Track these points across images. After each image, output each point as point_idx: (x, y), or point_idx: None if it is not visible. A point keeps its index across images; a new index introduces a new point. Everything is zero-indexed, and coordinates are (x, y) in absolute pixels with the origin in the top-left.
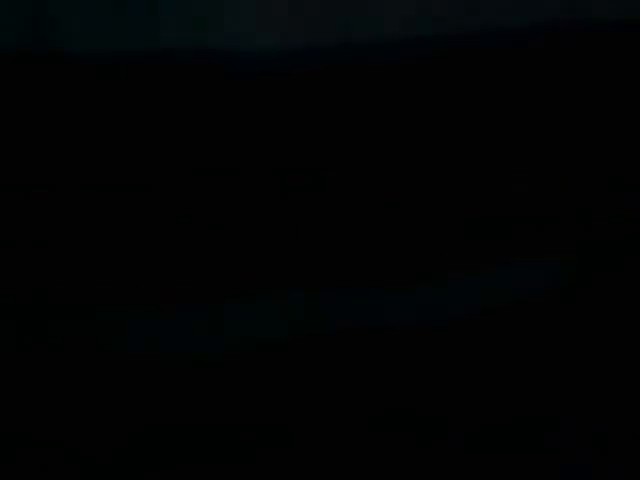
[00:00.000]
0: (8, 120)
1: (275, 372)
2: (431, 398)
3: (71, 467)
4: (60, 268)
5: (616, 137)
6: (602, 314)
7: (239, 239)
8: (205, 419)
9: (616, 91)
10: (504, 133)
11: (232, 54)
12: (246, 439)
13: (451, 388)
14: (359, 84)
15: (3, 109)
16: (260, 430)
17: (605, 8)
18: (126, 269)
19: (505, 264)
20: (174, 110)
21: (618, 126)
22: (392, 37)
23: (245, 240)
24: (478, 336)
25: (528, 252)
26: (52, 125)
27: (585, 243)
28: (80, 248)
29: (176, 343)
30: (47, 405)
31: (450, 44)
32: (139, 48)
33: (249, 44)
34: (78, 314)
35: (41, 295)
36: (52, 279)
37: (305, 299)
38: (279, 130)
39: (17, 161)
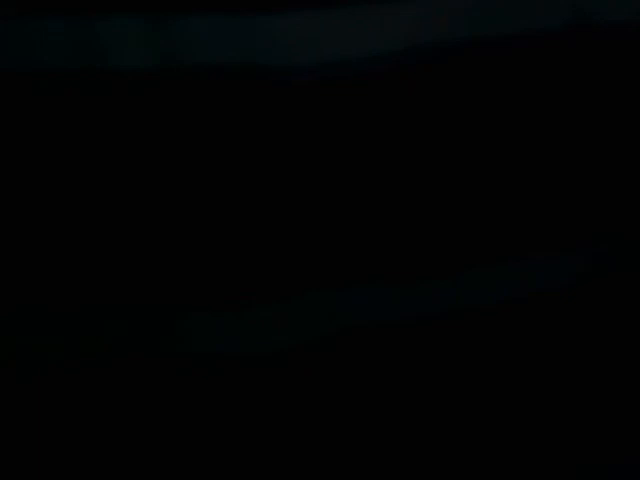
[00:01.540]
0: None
1: (280, 375)
2: (431, 397)
3: (76, 468)
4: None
5: (621, 139)
6: (603, 315)
7: (254, 243)
8: (206, 419)
9: (619, 92)
10: (509, 134)
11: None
12: (248, 439)
13: (451, 387)
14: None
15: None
16: (261, 431)
17: (608, 11)
18: (149, 273)
19: (505, 263)
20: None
21: (622, 127)
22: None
23: (262, 244)
24: (477, 336)
25: (528, 252)
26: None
27: (587, 242)
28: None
29: (183, 346)
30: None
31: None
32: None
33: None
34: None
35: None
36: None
37: (308, 300)
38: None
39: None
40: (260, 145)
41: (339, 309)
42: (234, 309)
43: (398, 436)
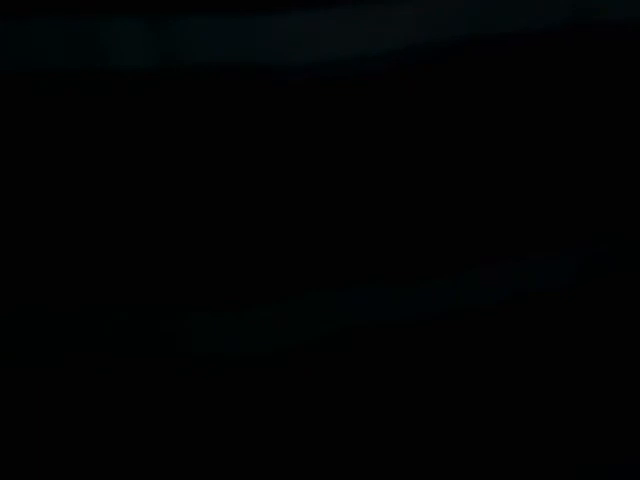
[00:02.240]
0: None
1: (280, 375)
2: (432, 397)
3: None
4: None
5: (620, 138)
6: (603, 315)
7: (256, 243)
8: (206, 420)
9: (618, 91)
10: (509, 134)
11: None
12: (248, 439)
13: (452, 387)
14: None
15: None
16: (261, 431)
17: (609, 9)
18: (149, 273)
19: (505, 263)
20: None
21: (622, 127)
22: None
23: (261, 244)
24: (477, 336)
25: (528, 252)
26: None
27: (587, 242)
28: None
29: (183, 346)
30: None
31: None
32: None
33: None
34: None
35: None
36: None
37: (308, 300)
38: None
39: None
40: (260, 145)
41: (339, 309)
42: (234, 309)
43: (398, 436)
